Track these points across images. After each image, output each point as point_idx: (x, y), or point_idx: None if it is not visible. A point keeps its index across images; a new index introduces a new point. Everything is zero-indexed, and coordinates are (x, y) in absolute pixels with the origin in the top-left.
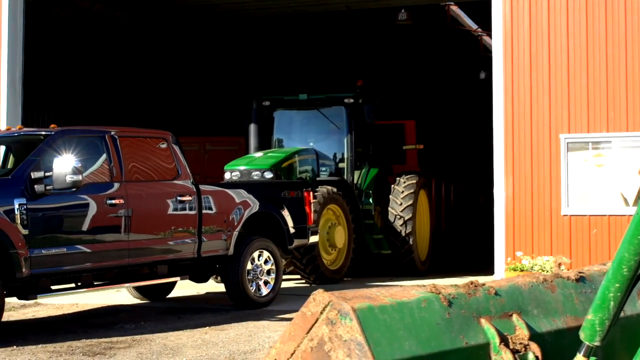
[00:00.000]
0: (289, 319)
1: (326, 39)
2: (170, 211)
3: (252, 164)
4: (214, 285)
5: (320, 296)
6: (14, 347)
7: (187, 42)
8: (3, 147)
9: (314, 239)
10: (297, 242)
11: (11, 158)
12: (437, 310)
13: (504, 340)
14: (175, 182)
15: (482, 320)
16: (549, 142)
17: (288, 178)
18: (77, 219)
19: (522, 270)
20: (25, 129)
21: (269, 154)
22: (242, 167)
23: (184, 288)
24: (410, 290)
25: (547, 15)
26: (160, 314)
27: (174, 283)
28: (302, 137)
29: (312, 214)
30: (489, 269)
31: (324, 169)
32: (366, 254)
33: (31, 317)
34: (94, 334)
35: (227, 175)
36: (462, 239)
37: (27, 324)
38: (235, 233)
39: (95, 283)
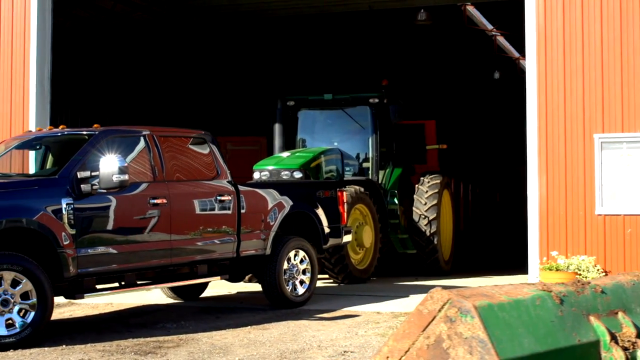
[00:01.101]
0: (329, 319)
1: (348, 38)
2: (210, 211)
3: (281, 163)
4: (243, 285)
5: (438, 294)
6: (64, 346)
7: (208, 42)
8: (37, 148)
9: (347, 238)
10: (331, 242)
11: (50, 158)
12: (551, 308)
13: (614, 338)
14: (215, 181)
15: (592, 318)
16: (583, 142)
17: (315, 178)
18: (121, 218)
19: (557, 270)
20: (68, 129)
21: (297, 154)
22: (270, 167)
23: (215, 288)
24: (522, 288)
25: (581, 14)
26: (197, 313)
27: (207, 283)
28: (326, 137)
29: (345, 213)
30: (511, 268)
31: (347, 168)
32: (390, 254)
33: (69, 317)
34: (138, 333)
35: (256, 175)
36: (481, 238)
37: (67, 323)
38: (273, 233)
39: (137, 283)
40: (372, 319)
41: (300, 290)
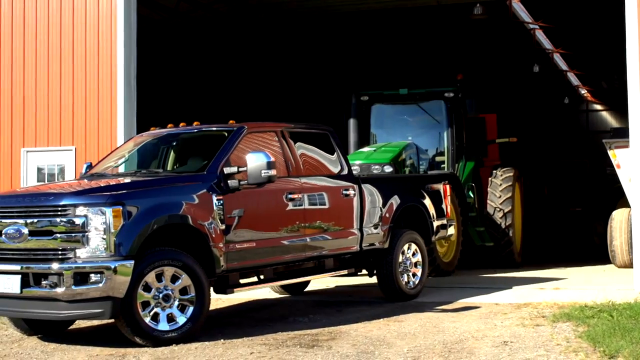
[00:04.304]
0: (452, 310)
1: (416, 34)
2: (338, 205)
3: (370, 158)
4: (336, 280)
5: None
6: (222, 340)
7: (273, 39)
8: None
9: (451, 231)
10: (439, 234)
11: (172, 154)
12: None
13: None
14: (341, 176)
15: None
16: None
17: (400, 172)
18: (263, 213)
19: None
20: (202, 125)
21: (383, 149)
22: (359, 162)
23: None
24: None
25: None
26: (317, 307)
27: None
28: (399, 132)
29: (449, 206)
30: (573, 260)
31: (421, 162)
32: (468, 246)
33: None
34: (279, 327)
35: None
36: (534, 231)
37: None
38: (390, 226)
39: (274, 277)
40: (495, 309)
41: (413, 282)
